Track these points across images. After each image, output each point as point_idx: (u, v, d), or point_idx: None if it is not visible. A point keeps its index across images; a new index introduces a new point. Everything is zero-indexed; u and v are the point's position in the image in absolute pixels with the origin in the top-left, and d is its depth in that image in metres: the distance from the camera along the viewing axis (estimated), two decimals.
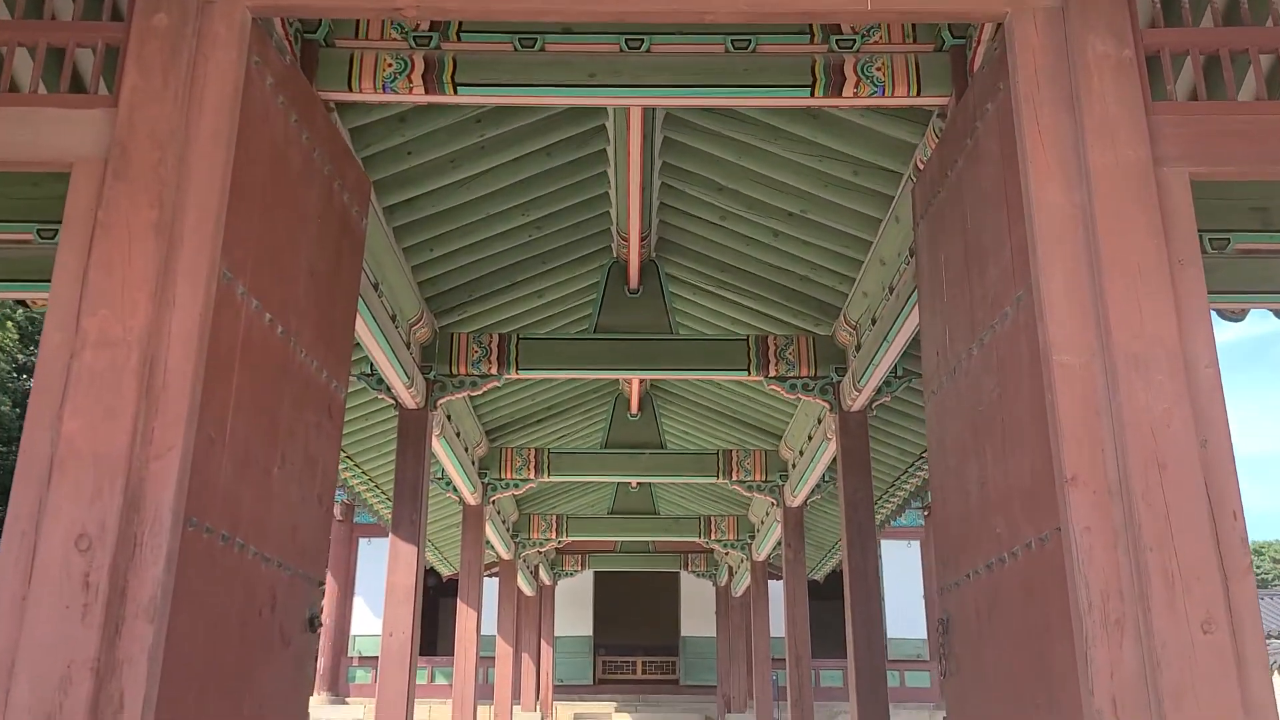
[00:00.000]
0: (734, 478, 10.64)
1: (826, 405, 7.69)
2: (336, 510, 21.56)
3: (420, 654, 20.71)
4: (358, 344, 7.11)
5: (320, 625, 4.23)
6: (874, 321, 6.75)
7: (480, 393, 7.92)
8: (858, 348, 7.26)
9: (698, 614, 22.09)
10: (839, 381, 7.64)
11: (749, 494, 10.86)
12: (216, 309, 3.34)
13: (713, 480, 10.80)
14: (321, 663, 20.49)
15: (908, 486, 10.12)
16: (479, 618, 10.22)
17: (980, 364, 3.95)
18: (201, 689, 3.22)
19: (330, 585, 21.35)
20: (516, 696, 16.88)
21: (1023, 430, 3.52)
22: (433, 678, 20.43)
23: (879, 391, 7.39)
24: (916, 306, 6.01)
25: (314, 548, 4.22)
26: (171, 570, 3.04)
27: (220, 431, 3.38)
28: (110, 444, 3.05)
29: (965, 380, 4.09)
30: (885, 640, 7.11)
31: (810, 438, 9.30)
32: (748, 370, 7.67)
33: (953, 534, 4.22)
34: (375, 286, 6.22)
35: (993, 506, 3.79)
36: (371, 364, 6.86)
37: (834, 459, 9.15)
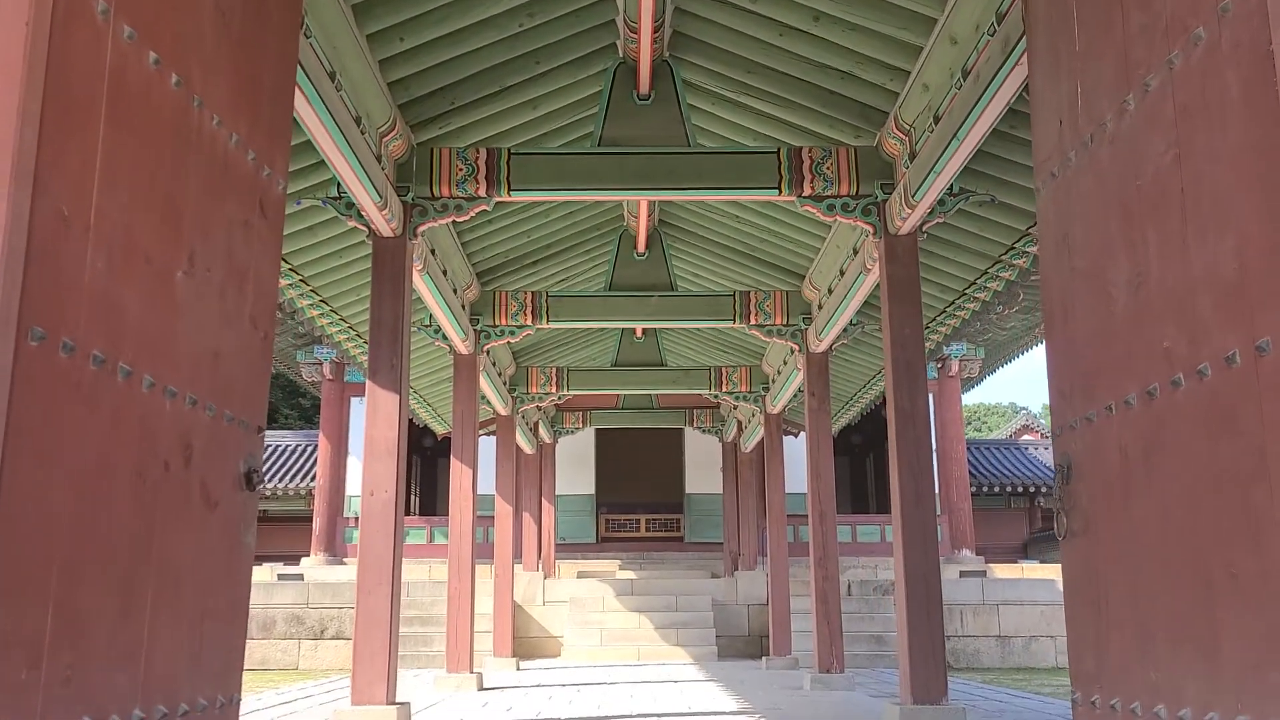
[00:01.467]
0: (752, 321, 9.64)
1: (869, 229, 6.62)
2: (326, 369, 20.70)
3: (420, 514, 20.18)
4: (322, 161, 5.98)
5: (260, 482, 3.28)
6: (937, 120, 5.63)
7: (467, 218, 6.83)
8: (911, 156, 6.15)
9: (703, 471, 21.49)
10: (884, 200, 6.56)
11: (768, 339, 9.89)
12: (61, 23, 2.26)
13: (728, 324, 9.81)
14: (317, 524, 20.01)
15: (944, 328, 9.14)
16: (474, 475, 9.40)
17: (1142, 120, 2.88)
18: (69, 570, 2.27)
19: (324, 445, 20.69)
20: (518, 555, 16.37)
21: (1226, 197, 2.49)
22: (431, 537, 19.98)
23: (931, 211, 6.32)
24: (995, 95, 4.89)
25: (247, 384, 3.23)
26: None
27: (79, 207, 2.34)
28: None
29: (1112, 149, 3.04)
30: (935, 491, 6.25)
31: (842, 272, 8.27)
32: (778, 188, 6.57)
33: (1081, 357, 3.24)
34: (331, 76, 5.07)
35: (1157, 313, 2.79)
36: (339, 185, 5.76)
37: (870, 295, 8.14)
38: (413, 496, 25.63)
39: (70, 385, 2.30)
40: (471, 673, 9.02)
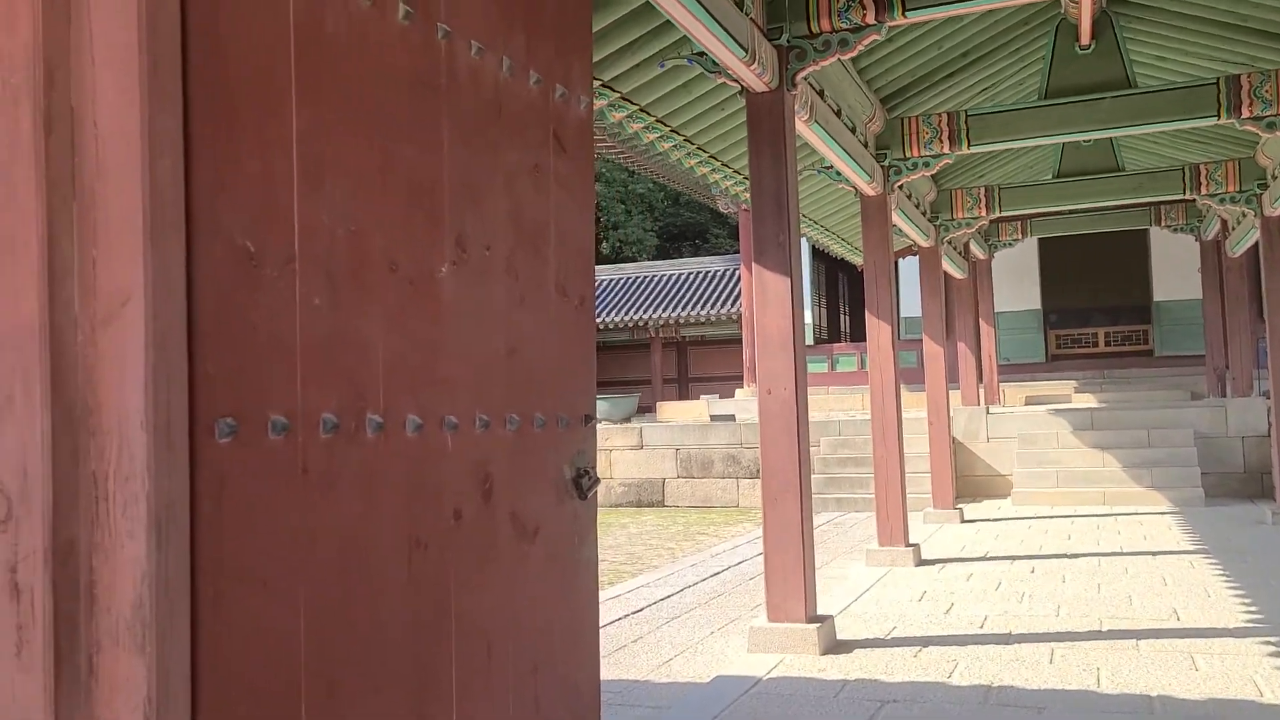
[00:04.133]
0: (1246, 113, 7.45)
1: None
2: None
3: (849, 339, 19.68)
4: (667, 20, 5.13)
5: (594, 483, 2.68)
6: None
7: (854, 53, 5.65)
8: None
9: (1175, 275, 18.47)
10: None
11: (1268, 133, 7.64)
12: None
13: (1211, 121, 7.68)
14: (746, 354, 20.13)
15: None
16: (893, 330, 8.42)
17: None
18: (323, 694, 1.79)
19: (745, 276, 20.54)
20: (953, 380, 15.22)
21: None
22: (863, 364, 19.34)
23: None
24: None
25: (560, 370, 2.59)
26: (174, 538, 1.54)
27: (271, 229, 1.74)
28: (12, 304, 1.52)
29: None
30: None
31: None
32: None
33: None
34: None
35: None
36: (688, 38, 4.88)
37: None
38: (841, 316, 25.04)
39: (289, 470, 1.76)
40: (906, 546, 8.32)
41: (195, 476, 1.58)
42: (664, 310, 25.81)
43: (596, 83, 6.04)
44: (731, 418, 16.75)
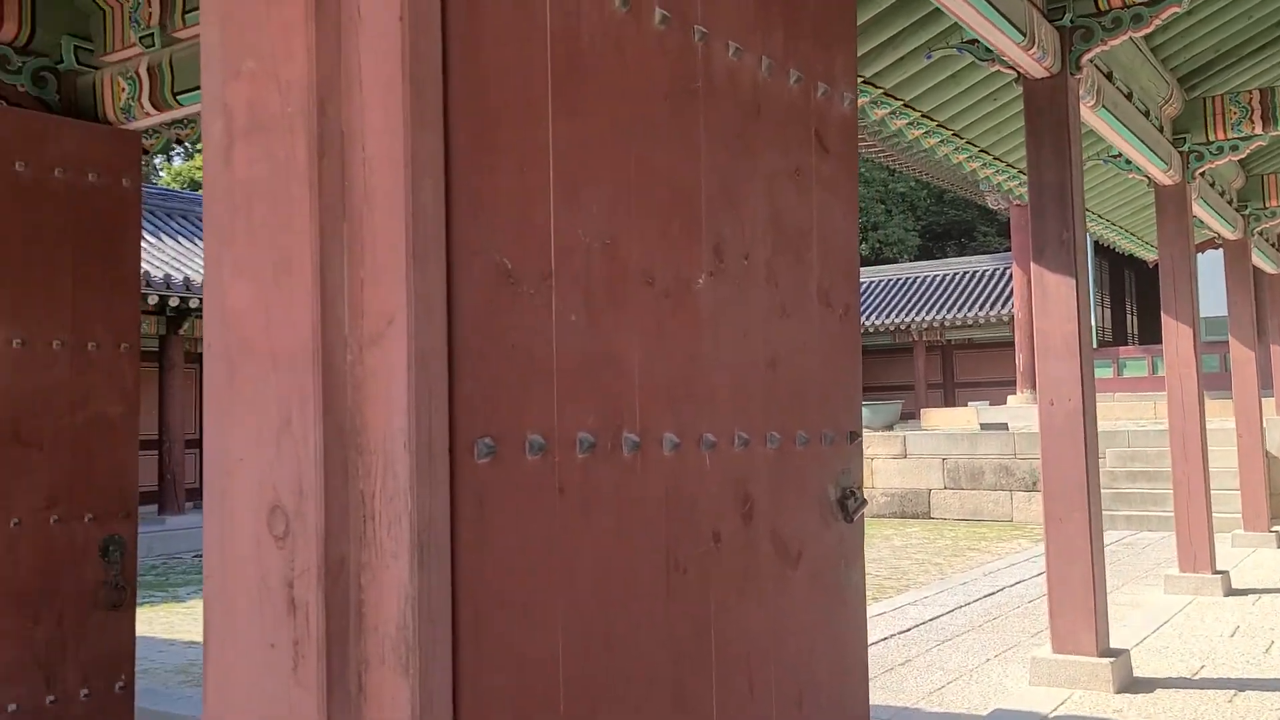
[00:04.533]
0: None
1: None
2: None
3: (1138, 341, 18.17)
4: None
5: (861, 504, 2.51)
6: None
7: (1149, 28, 5.11)
8: None
9: None
10: None
11: None
12: None
13: None
14: (1020, 359, 18.99)
15: None
16: (1195, 333, 7.58)
17: None
18: None
19: (1018, 275, 19.35)
20: (1265, 387, 13.63)
21: None
22: (1154, 368, 17.72)
23: None
24: None
25: (824, 384, 2.45)
26: (436, 560, 1.53)
27: (529, 246, 1.72)
28: (288, 324, 1.57)
29: None
30: None
31: None
32: None
33: None
34: None
35: None
36: (957, 26, 4.58)
37: None
38: (1129, 317, 23.12)
39: (547, 490, 1.72)
40: (1212, 572, 7.47)
41: (455, 497, 1.56)
42: (928, 313, 24.84)
43: (858, 79, 5.82)
44: (1004, 426, 15.80)
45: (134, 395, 3.74)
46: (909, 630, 6.81)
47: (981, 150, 7.41)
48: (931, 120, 6.66)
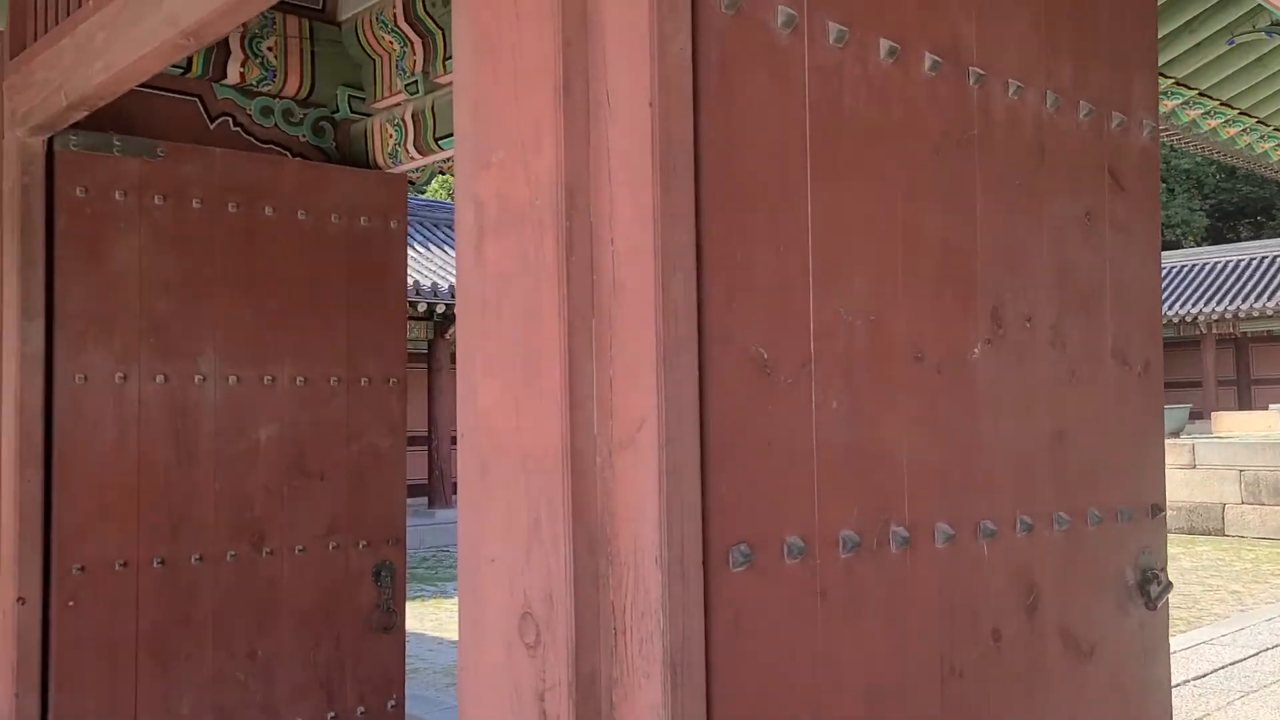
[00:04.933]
0: None
1: None
2: None
3: None
4: None
5: (1168, 585, 2.21)
6: None
7: None
8: None
9: None
10: None
11: None
12: (724, 59, 1.51)
13: None
14: None
15: None
16: None
17: None
18: None
19: None
20: None
21: None
22: None
23: None
24: None
25: (1114, 455, 2.17)
26: (690, 681, 1.43)
27: (785, 331, 1.60)
28: (538, 426, 1.51)
29: None
30: None
31: None
32: None
33: None
34: None
35: None
36: (1262, 7, 4.01)
37: None
38: None
39: (807, 596, 1.60)
40: None
41: (709, 611, 1.46)
42: (1218, 303, 22.55)
43: None
44: None
45: (401, 428, 3.91)
46: (1205, 676, 6.12)
47: None
48: (1232, 109, 5.95)
